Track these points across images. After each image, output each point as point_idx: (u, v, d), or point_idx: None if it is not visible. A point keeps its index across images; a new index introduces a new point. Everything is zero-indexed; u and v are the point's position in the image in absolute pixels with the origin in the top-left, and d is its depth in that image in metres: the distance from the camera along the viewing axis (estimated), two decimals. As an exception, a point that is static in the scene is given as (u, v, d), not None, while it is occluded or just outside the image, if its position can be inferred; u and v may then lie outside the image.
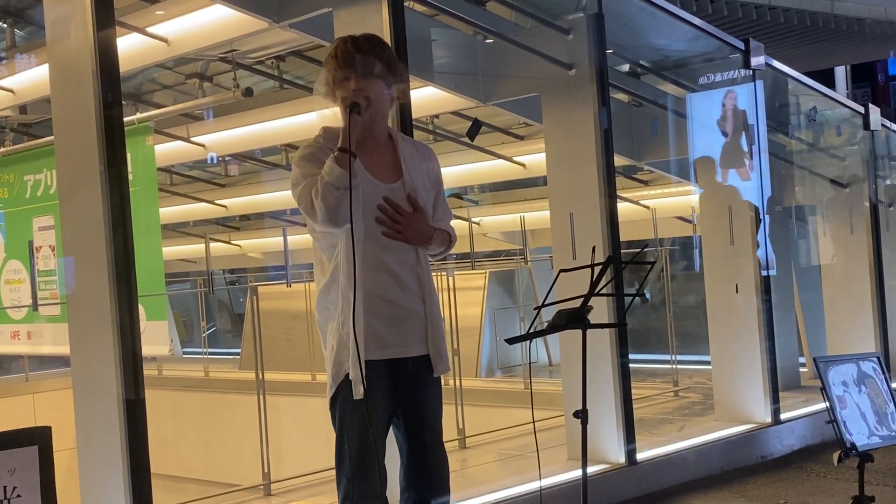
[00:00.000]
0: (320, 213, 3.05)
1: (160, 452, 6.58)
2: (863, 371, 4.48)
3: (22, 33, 7.74)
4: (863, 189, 9.05)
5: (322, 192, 3.03)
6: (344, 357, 3.15)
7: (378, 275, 3.16)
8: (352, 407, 3.14)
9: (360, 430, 3.14)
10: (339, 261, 3.14)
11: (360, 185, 3.09)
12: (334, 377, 3.18)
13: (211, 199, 12.08)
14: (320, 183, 3.04)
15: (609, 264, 3.63)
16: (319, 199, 3.03)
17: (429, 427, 3.29)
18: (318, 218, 3.06)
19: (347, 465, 3.16)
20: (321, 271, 3.24)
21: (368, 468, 3.13)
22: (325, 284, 3.21)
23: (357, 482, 3.15)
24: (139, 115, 7.29)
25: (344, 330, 3.13)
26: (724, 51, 7.29)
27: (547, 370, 9.92)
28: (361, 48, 3.17)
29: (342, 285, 3.14)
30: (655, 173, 9.56)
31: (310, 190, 3.08)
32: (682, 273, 11.20)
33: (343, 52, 3.16)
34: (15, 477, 2.60)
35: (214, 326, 15.57)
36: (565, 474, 5.51)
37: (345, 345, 3.14)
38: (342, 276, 3.14)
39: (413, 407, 3.26)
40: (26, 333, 7.58)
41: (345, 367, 3.15)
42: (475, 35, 6.74)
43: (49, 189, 7.19)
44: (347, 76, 3.15)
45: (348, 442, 3.16)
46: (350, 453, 3.15)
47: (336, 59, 3.17)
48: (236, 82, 7.27)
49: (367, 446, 3.13)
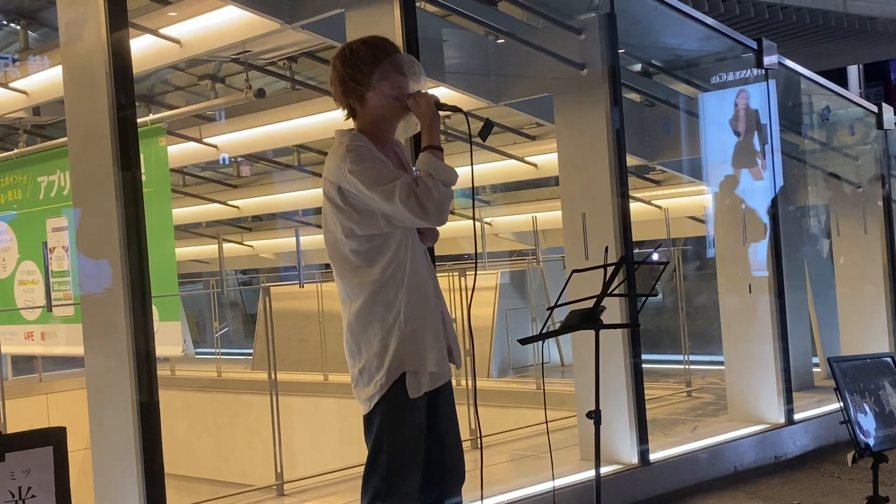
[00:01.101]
0: (436, 207, 3.06)
1: (173, 453, 6.59)
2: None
3: (35, 35, 7.77)
4: (876, 188, 9.02)
5: (440, 185, 3.07)
6: (407, 356, 3.16)
7: (430, 278, 3.28)
8: (406, 406, 3.17)
9: (412, 429, 3.19)
10: (401, 259, 3.16)
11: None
12: (388, 376, 3.16)
13: (223, 200, 12.11)
14: (433, 178, 3.06)
15: (622, 264, 3.62)
16: (437, 194, 3.05)
17: (449, 423, 3.32)
18: (428, 213, 3.06)
19: (384, 465, 3.18)
20: (362, 274, 3.19)
21: (410, 472, 3.19)
22: (377, 286, 3.17)
23: (397, 480, 3.17)
24: (152, 116, 7.32)
25: (409, 327, 3.15)
26: (737, 50, 7.27)
27: (559, 370, 9.91)
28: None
29: (408, 285, 3.16)
30: (668, 173, 9.55)
31: (408, 185, 3.07)
32: (695, 273, 11.18)
33: (405, 56, 3.30)
34: (30, 477, 2.61)
35: (227, 327, 15.60)
36: (578, 475, 5.51)
37: (413, 342, 3.16)
38: (405, 276, 3.17)
39: (437, 404, 3.29)
40: (40, 334, 7.61)
41: (404, 365, 3.16)
42: (487, 35, 6.74)
43: (63, 190, 7.22)
44: (405, 75, 3.23)
45: (396, 440, 3.18)
46: (392, 455, 3.17)
47: (396, 59, 3.24)
48: (249, 83, 7.29)
49: (414, 447, 3.19)
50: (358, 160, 3.11)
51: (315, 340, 10.85)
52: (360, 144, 3.17)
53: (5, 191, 7.93)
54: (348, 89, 3.23)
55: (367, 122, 3.25)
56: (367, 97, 3.21)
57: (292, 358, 10.96)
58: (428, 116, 3.17)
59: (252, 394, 10.28)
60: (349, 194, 3.13)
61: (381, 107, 3.21)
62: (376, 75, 3.18)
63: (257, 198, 12.17)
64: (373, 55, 3.21)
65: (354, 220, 3.14)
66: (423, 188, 3.05)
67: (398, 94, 3.20)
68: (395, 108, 3.22)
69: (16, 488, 2.59)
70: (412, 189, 3.05)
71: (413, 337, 3.16)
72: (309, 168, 10.89)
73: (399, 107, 3.21)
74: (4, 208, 7.93)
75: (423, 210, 3.05)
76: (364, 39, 3.30)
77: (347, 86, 3.23)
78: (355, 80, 3.21)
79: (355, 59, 3.22)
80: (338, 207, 3.16)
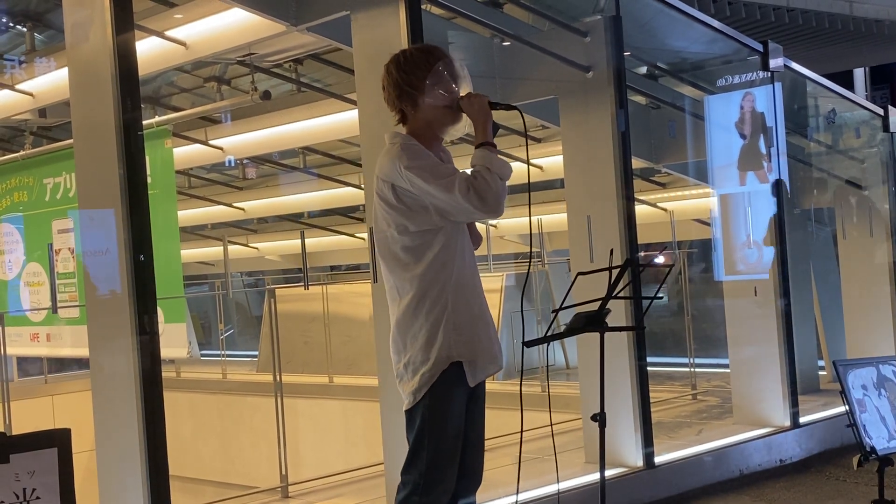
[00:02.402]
0: (494, 199, 3.21)
1: (178, 454, 6.60)
2: (882, 374, 4.46)
3: (41, 37, 7.78)
4: (882, 191, 9.01)
5: (496, 178, 3.22)
6: (455, 347, 3.24)
7: (476, 272, 3.40)
8: (450, 400, 3.24)
9: (451, 425, 3.25)
10: (449, 256, 3.27)
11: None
12: (436, 367, 3.23)
13: (229, 202, 12.11)
14: (490, 171, 3.21)
15: (627, 267, 3.62)
16: (494, 187, 3.20)
17: (476, 425, 3.40)
18: (487, 204, 3.19)
19: (424, 458, 3.23)
20: (411, 269, 3.27)
21: (449, 467, 3.26)
22: (425, 280, 3.26)
23: (436, 476, 3.23)
24: (158, 118, 7.34)
25: (458, 319, 3.25)
26: (743, 53, 7.26)
27: (564, 373, 9.90)
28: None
29: (456, 277, 3.27)
30: (673, 176, 9.53)
31: (465, 179, 3.20)
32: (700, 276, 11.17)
33: (456, 61, 3.42)
34: (34, 479, 2.61)
35: (232, 329, 15.62)
36: (583, 477, 5.50)
37: (462, 333, 3.25)
38: (453, 268, 3.27)
39: (471, 404, 3.35)
40: (46, 335, 7.62)
41: (452, 357, 3.24)
42: (492, 37, 6.74)
43: (68, 192, 7.23)
44: (458, 80, 3.37)
45: (438, 435, 3.23)
46: (433, 448, 3.23)
47: (451, 65, 3.37)
48: (254, 85, 7.30)
49: (455, 440, 3.26)
50: (414, 157, 3.25)
51: (320, 342, 10.85)
52: (415, 143, 3.31)
53: (11, 192, 7.94)
54: (403, 93, 3.35)
55: (419, 126, 3.36)
56: (420, 101, 3.33)
57: (297, 360, 10.97)
58: (482, 115, 3.32)
59: (257, 396, 10.29)
60: (402, 192, 3.25)
61: (434, 110, 3.33)
62: (430, 80, 3.31)
63: (263, 200, 12.18)
64: (426, 60, 3.34)
65: (408, 217, 3.26)
66: (480, 181, 3.20)
67: (450, 98, 3.33)
68: (446, 111, 3.35)
69: (20, 490, 2.59)
70: (470, 182, 3.19)
71: (463, 328, 3.26)
72: (314, 170, 10.89)
73: (450, 111, 3.35)
74: (10, 210, 7.95)
75: (482, 202, 3.19)
76: (418, 46, 3.50)
77: (402, 90, 3.35)
78: (410, 84, 3.33)
79: (410, 64, 3.35)
80: (391, 206, 3.27)
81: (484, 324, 3.33)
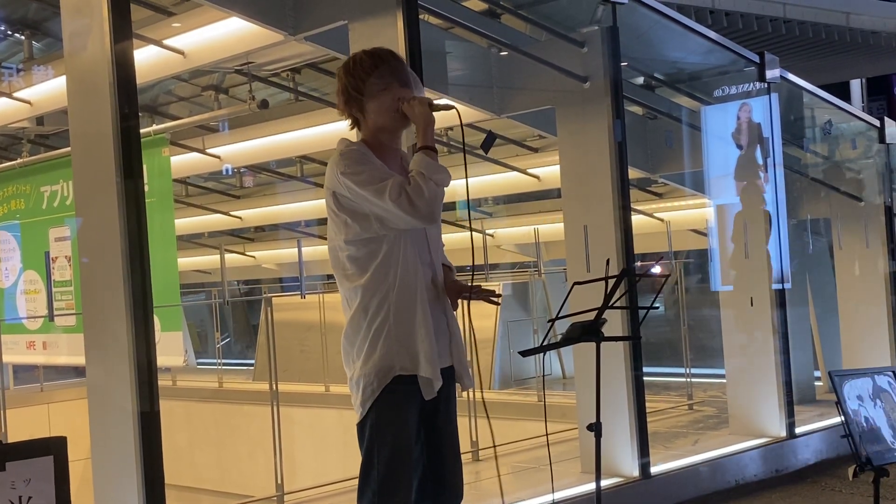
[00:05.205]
0: (426, 205, 3.07)
1: (174, 463, 6.58)
2: (878, 385, 4.46)
3: (39, 45, 7.80)
4: (878, 202, 9.02)
5: (431, 184, 3.08)
6: (398, 358, 3.14)
7: (423, 281, 3.22)
8: (397, 414, 3.15)
9: (398, 439, 3.14)
10: (391, 264, 3.15)
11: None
12: (379, 380, 3.14)
13: (226, 211, 12.12)
14: (425, 177, 3.08)
15: (623, 277, 3.63)
16: (427, 192, 3.07)
17: (448, 439, 3.30)
18: (418, 210, 3.07)
19: (375, 477, 3.14)
20: (355, 280, 3.20)
21: (402, 480, 3.14)
22: (368, 291, 3.17)
23: (388, 494, 3.13)
24: (155, 126, 7.34)
25: (398, 330, 3.14)
26: (739, 64, 7.29)
27: (560, 383, 9.90)
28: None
29: (398, 287, 3.15)
30: (670, 186, 9.55)
31: (399, 184, 3.09)
32: (697, 286, 11.17)
33: (404, 65, 3.31)
34: (30, 487, 2.61)
35: (229, 337, 15.60)
36: (579, 487, 5.49)
37: (404, 344, 3.14)
38: (396, 278, 3.16)
39: (435, 418, 3.26)
40: (42, 343, 7.61)
41: (395, 370, 3.13)
42: (490, 48, 6.75)
43: (65, 200, 7.23)
44: (405, 84, 3.25)
45: (385, 451, 3.14)
46: (383, 463, 3.13)
47: (396, 68, 3.26)
48: (252, 94, 7.31)
49: (404, 454, 3.15)
50: (351, 163, 3.15)
51: (317, 351, 10.84)
52: (355, 149, 3.20)
53: (8, 200, 7.94)
54: (350, 98, 3.26)
55: (369, 132, 3.28)
56: (366, 106, 3.23)
57: (294, 368, 10.95)
58: (423, 118, 3.19)
59: (253, 404, 10.26)
60: (343, 199, 3.17)
61: (380, 115, 3.23)
62: (375, 84, 3.21)
63: (260, 208, 12.19)
64: (373, 64, 3.24)
65: (349, 225, 3.17)
66: (414, 186, 3.08)
67: (393, 102, 3.21)
68: (394, 116, 3.23)
69: (16, 498, 2.59)
70: (403, 187, 3.08)
71: (405, 340, 3.15)
72: (311, 179, 10.90)
73: (399, 116, 3.23)
74: (7, 218, 7.94)
75: (413, 207, 3.07)
76: (367, 50, 3.32)
77: (349, 95, 3.26)
78: (356, 88, 3.23)
79: (357, 68, 3.26)
80: (335, 214, 3.20)
81: (425, 334, 3.16)
